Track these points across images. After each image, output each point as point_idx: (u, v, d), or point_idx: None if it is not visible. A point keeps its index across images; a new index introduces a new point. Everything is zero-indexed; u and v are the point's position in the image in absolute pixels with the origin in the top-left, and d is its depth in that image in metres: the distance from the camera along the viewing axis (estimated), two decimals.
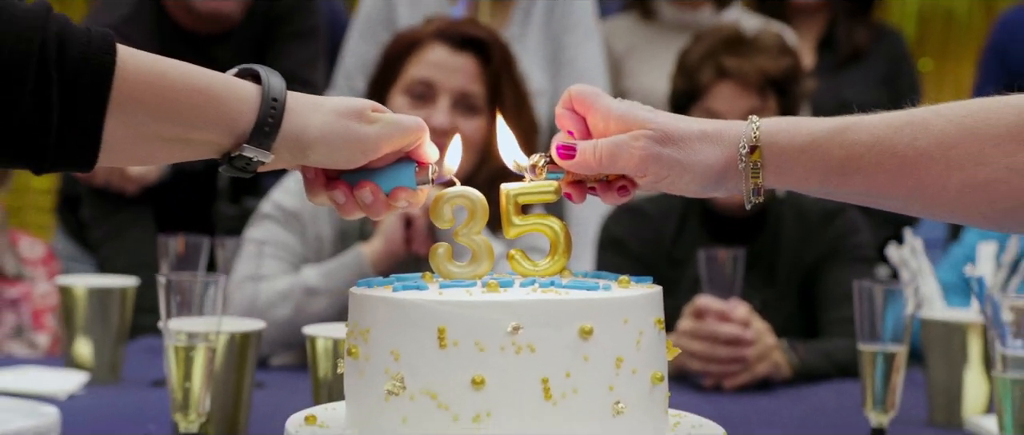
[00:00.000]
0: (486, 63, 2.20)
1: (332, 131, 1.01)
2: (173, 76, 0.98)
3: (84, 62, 0.93)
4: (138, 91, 0.95)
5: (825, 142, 1.05)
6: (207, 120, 0.98)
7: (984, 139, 1.01)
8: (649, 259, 2.28)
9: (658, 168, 1.03)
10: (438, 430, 0.87)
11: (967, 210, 1.04)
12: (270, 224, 2.16)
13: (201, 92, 0.98)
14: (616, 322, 0.90)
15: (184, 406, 1.29)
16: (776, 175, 1.05)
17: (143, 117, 0.96)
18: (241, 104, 0.98)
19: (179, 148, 1.00)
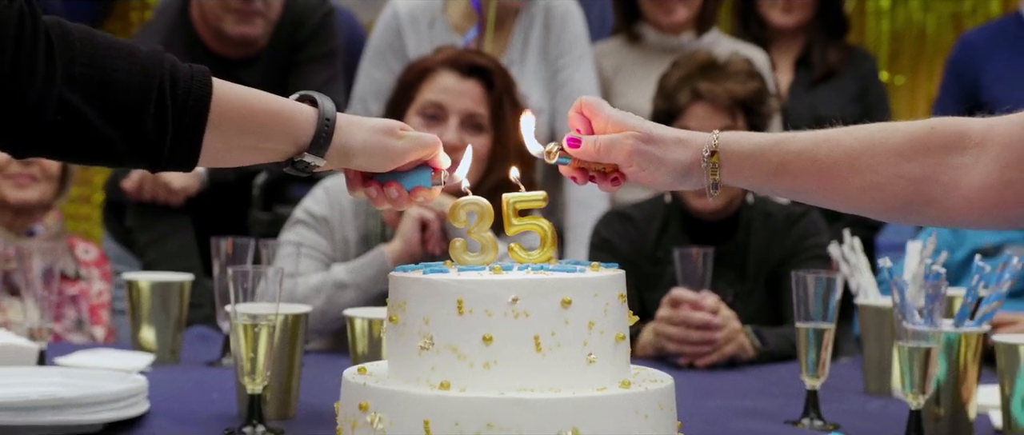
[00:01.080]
0: (490, 88, 2.51)
1: (370, 143, 1.32)
2: (253, 101, 1.31)
3: (188, 92, 1.25)
4: (228, 112, 1.27)
5: (766, 150, 1.34)
6: (277, 134, 1.30)
7: (879, 153, 1.31)
8: (635, 258, 2.59)
9: (641, 161, 1.32)
10: (458, 375, 1.18)
11: (865, 206, 1.34)
12: (302, 228, 2.47)
13: (273, 114, 1.31)
14: (588, 295, 1.21)
15: (251, 372, 1.60)
16: (730, 173, 1.33)
17: (231, 132, 1.28)
18: (303, 122, 1.30)
19: (256, 154, 1.32)
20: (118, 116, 1.24)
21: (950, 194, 1.28)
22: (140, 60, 1.26)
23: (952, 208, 1.30)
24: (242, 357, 1.61)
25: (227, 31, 2.97)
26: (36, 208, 2.68)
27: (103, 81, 1.23)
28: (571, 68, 3.21)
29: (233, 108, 1.29)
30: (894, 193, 1.31)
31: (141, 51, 1.28)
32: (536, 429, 1.14)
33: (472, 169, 1.42)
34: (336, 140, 1.32)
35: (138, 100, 1.24)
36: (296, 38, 3.12)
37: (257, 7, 2.94)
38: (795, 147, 1.34)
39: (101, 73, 1.23)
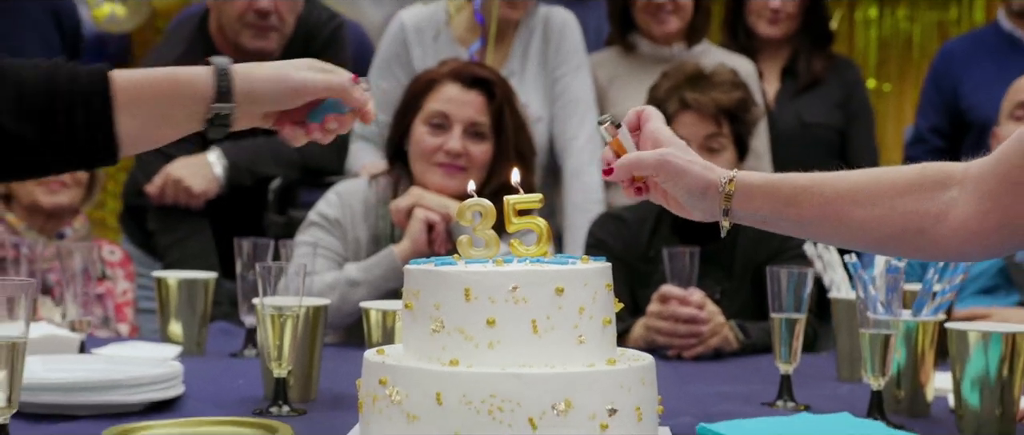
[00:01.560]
0: (491, 98, 2.68)
1: (271, 78, 1.45)
2: (152, 75, 1.44)
3: (90, 84, 1.39)
4: (131, 92, 1.40)
5: (778, 183, 1.50)
6: (183, 98, 1.43)
7: (877, 189, 1.47)
8: (627, 257, 2.75)
9: (668, 172, 1.47)
10: (465, 353, 1.35)
11: (863, 237, 1.49)
12: (317, 230, 2.65)
13: (173, 80, 1.44)
14: (579, 284, 1.38)
15: (278, 358, 1.77)
16: (742, 202, 1.47)
17: (140, 110, 1.40)
18: (203, 79, 1.44)
19: (171, 125, 1.44)
20: (29, 116, 1.37)
21: (939, 224, 1.44)
22: (43, 68, 1.41)
23: (940, 237, 1.44)
24: (269, 345, 1.79)
25: (244, 45, 3.13)
26: (66, 212, 2.85)
27: (10, 86, 1.38)
28: (569, 77, 3.33)
29: (135, 86, 1.42)
30: (890, 223, 1.46)
31: (43, 62, 1.42)
32: (533, 400, 1.31)
33: (474, 174, 1.56)
34: (239, 85, 1.44)
35: (45, 100, 1.38)
36: (308, 51, 3.26)
37: (272, 23, 3.11)
38: (804, 181, 1.49)
39: (6, 80, 1.38)
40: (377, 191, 2.73)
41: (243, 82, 1.45)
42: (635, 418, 1.37)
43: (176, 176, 3.03)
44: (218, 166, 3.07)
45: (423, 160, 2.65)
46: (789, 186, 1.49)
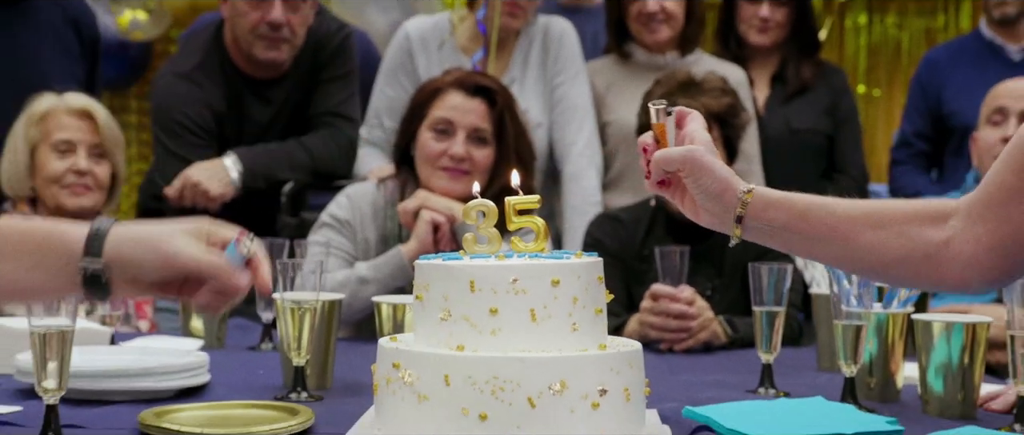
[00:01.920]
0: (493, 106, 2.83)
1: (144, 241, 1.37)
2: (34, 226, 1.41)
3: None
4: (7, 237, 1.38)
5: (793, 198, 1.58)
6: (55, 248, 1.38)
7: (886, 214, 1.57)
8: (623, 256, 2.90)
9: (693, 166, 1.56)
10: (470, 339, 1.50)
11: (869, 260, 1.56)
12: (328, 230, 2.80)
13: (49, 233, 1.39)
14: (573, 277, 1.53)
15: (297, 348, 1.92)
16: (755, 211, 1.56)
17: (11, 255, 1.37)
18: (75, 233, 1.38)
19: (41, 274, 1.38)
20: None
21: (942, 252, 1.53)
22: None
23: (944, 264, 1.53)
24: (289, 336, 1.93)
25: (257, 56, 3.28)
26: (88, 214, 2.99)
27: None
28: (567, 85, 3.47)
29: (12, 233, 1.39)
30: (897, 247, 1.55)
31: None
32: (532, 381, 1.46)
33: (477, 177, 1.69)
34: (110, 245, 1.36)
35: None
36: (318, 60, 3.42)
37: (284, 35, 3.25)
38: (817, 200, 1.58)
39: None
40: (385, 194, 2.88)
41: (114, 243, 1.37)
42: (624, 398, 1.52)
43: (194, 179, 3.18)
44: (234, 171, 3.22)
45: (429, 164, 2.80)
46: (803, 201, 1.57)
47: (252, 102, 3.34)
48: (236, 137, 3.32)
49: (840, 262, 1.61)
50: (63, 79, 3.52)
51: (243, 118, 3.34)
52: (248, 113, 3.34)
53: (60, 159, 2.94)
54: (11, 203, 3.02)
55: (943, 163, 3.91)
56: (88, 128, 2.97)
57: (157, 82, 3.46)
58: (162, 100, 3.31)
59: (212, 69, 3.33)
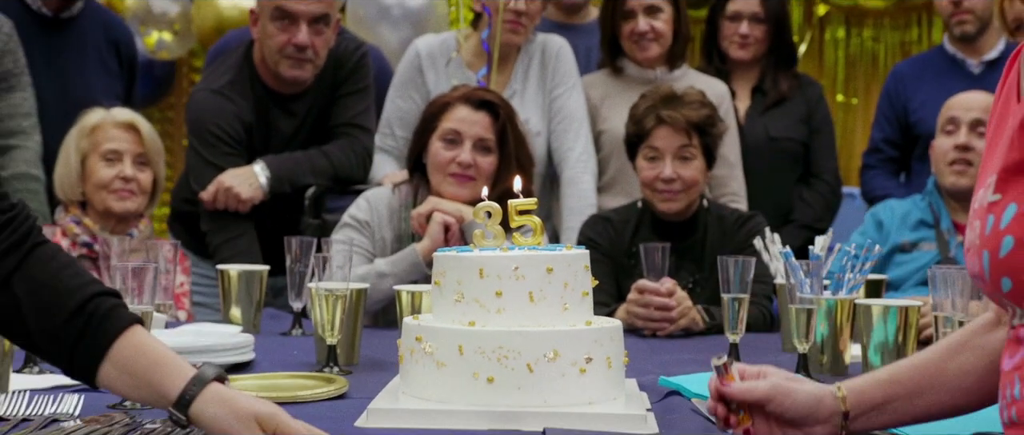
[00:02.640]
0: (496, 118, 3.15)
1: (223, 420, 1.53)
2: (146, 351, 1.58)
3: (102, 324, 1.57)
4: (125, 351, 1.57)
5: (876, 373, 1.66)
6: (153, 386, 1.57)
7: (960, 339, 1.64)
8: (613, 253, 3.21)
9: (780, 390, 1.59)
10: (480, 317, 1.83)
11: (962, 388, 1.60)
12: (350, 230, 3.13)
13: (155, 367, 1.57)
14: (564, 266, 1.86)
15: (330, 329, 2.25)
16: (855, 404, 1.60)
17: (122, 370, 1.58)
18: (175, 382, 1.55)
19: (142, 397, 1.60)
20: (41, 315, 1.57)
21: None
22: (84, 284, 1.60)
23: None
24: (323, 319, 2.27)
25: (283, 74, 3.58)
26: (133, 216, 3.32)
27: (46, 283, 1.58)
28: (564, 97, 3.76)
29: (130, 352, 1.58)
30: (977, 360, 1.61)
31: (93, 283, 1.62)
32: (530, 350, 1.79)
33: (481, 183, 2.01)
34: (195, 410, 1.55)
35: (63, 310, 1.57)
36: (337, 77, 3.73)
37: (308, 56, 3.57)
38: (897, 363, 1.67)
39: (49, 277, 1.59)
40: (399, 197, 3.21)
41: (198, 408, 1.55)
42: (606, 366, 1.85)
43: (227, 184, 3.50)
44: (263, 176, 3.54)
45: (439, 171, 3.13)
46: (887, 370, 1.65)
47: (278, 115, 3.67)
48: (264, 146, 3.64)
49: (943, 405, 1.62)
50: (105, 95, 3.86)
51: (270, 129, 3.66)
52: (274, 125, 3.67)
53: (108, 167, 3.27)
54: (63, 206, 3.34)
55: (910, 168, 4.22)
56: (133, 139, 3.30)
57: (193, 97, 3.78)
58: (197, 113, 3.64)
59: (242, 85, 3.64)
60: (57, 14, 3.89)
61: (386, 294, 2.89)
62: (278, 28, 3.55)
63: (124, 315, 1.60)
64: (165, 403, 1.56)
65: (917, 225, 3.49)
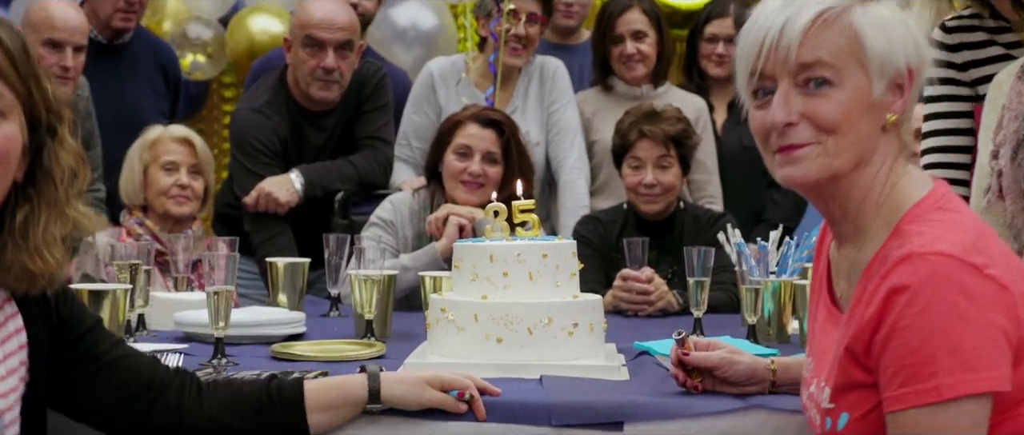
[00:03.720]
0: (501, 134, 3.66)
1: (407, 394, 2.01)
2: (327, 384, 2.02)
3: (291, 397, 1.98)
4: (318, 401, 1.98)
5: (799, 356, 2.12)
6: (347, 399, 2.00)
7: None
8: (602, 248, 3.71)
9: (728, 361, 2.11)
10: (491, 291, 2.34)
11: None
12: (376, 228, 3.65)
13: (340, 388, 2.01)
14: (556, 252, 2.37)
15: (368, 307, 2.77)
16: (782, 375, 2.10)
17: (322, 409, 1.98)
18: (359, 387, 2.01)
19: (342, 415, 2.00)
20: (243, 415, 1.94)
21: None
22: (248, 382, 2.01)
23: None
24: (362, 299, 2.78)
25: (313, 95, 4.11)
26: (188, 218, 3.84)
27: (227, 391, 1.99)
28: (560, 111, 4.29)
29: (317, 394, 1.98)
30: None
31: (256, 379, 2.03)
32: (530, 317, 2.29)
33: (489, 189, 2.54)
34: (385, 394, 2.00)
35: (256, 404, 1.96)
36: (360, 95, 4.24)
37: (335, 78, 4.08)
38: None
39: (231, 387, 2.00)
40: (419, 200, 3.73)
41: (386, 389, 2.02)
42: (589, 330, 2.37)
43: (267, 190, 4.02)
44: (298, 183, 4.06)
45: (453, 179, 3.65)
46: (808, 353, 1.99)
47: (309, 129, 4.19)
48: (297, 157, 4.16)
49: None
50: (153, 113, 4.40)
51: (303, 142, 4.19)
52: (306, 138, 4.19)
53: (167, 176, 3.78)
54: (127, 210, 3.86)
55: None
56: (188, 152, 3.82)
57: (235, 115, 4.31)
58: (240, 129, 4.16)
59: (278, 104, 4.16)
60: (112, 41, 4.42)
61: (409, 284, 3.40)
62: (308, 54, 4.07)
63: (287, 380, 2.03)
64: (362, 404, 2.00)
65: None
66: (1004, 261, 1.69)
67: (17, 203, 1.80)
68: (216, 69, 5.72)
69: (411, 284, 3.32)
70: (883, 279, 1.67)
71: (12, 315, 1.84)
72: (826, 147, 1.77)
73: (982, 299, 1.63)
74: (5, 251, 1.79)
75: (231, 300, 2.43)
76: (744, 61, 1.83)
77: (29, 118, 1.78)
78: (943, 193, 1.79)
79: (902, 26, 1.79)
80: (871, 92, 1.76)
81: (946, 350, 1.61)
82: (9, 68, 1.75)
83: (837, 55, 1.76)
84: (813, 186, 1.80)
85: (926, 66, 1.80)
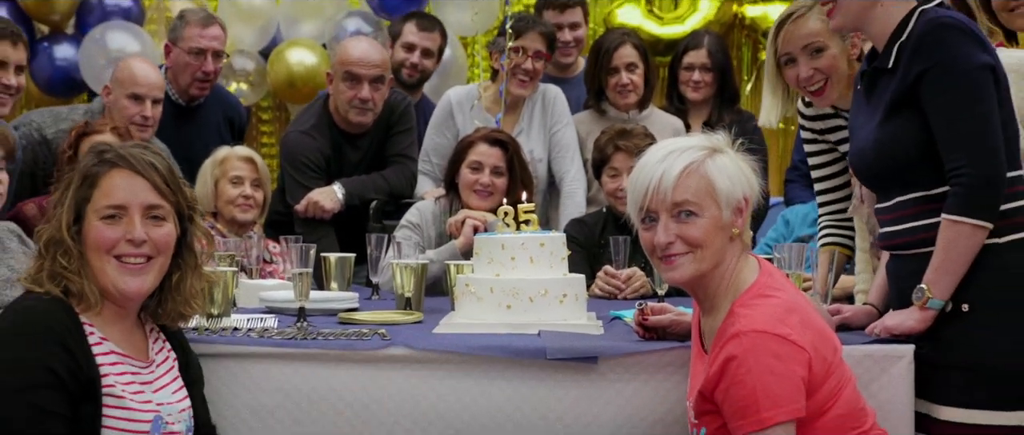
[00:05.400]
0: (506, 151, 4.46)
1: None
2: None
3: None
4: None
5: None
6: None
7: None
8: (587, 245, 4.47)
9: (674, 325, 2.85)
10: (502, 271, 3.14)
11: None
12: (407, 230, 4.46)
13: None
14: (551, 241, 3.18)
15: (407, 288, 3.58)
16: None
17: None
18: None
19: None
20: None
21: None
22: None
23: None
24: (401, 281, 3.59)
25: (351, 120, 4.90)
26: (250, 224, 4.66)
27: None
28: (560, 133, 5.07)
29: None
30: None
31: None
32: (531, 289, 3.09)
33: (498, 196, 3.38)
34: None
35: None
36: (390, 121, 5.04)
37: (369, 107, 4.89)
38: None
39: None
40: (440, 207, 4.54)
41: None
42: (575, 300, 3.17)
43: (315, 199, 4.84)
44: (340, 193, 4.88)
45: (467, 189, 4.45)
46: None
47: (348, 149, 5.01)
48: (338, 171, 4.97)
49: None
50: None
51: (342, 159, 5.00)
52: (345, 156, 5.01)
53: (234, 188, 4.59)
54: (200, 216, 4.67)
55: None
56: (251, 168, 4.63)
57: (287, 137, 5.12)
58: (291, 148, 4.98)
59: (322, 128, 4.99)
60: (189, 104, 5.24)
61: (434, 274, 4.19)
62: (347, 86, 4.90)
63: None
64: None
65: (813, 223, 4.74)
66: (801, 327, 2.52)
67: (172, 270, 2.71)
68: (257, 96, 6.46)
69: (436, 274, 4.12)
70: (722, 348, 2.52)
71: (164, 346, 2.76)
72: (694, 256, 2.64)
73: (786, 358, 2.47)
74: (166, 302, 2.73)
75: (309, 280, 3.25)
76: (634, 198, 2.70)
77: (178, 216, 2.69)
78: (765, 281, 2.63)
79: (738, 169, 2.68)
80: (722, 217, 2.63)
81: (763, 395, 2.46)
82: (165, 187, 2.66)
83: (698, 195, 2.63)
84: (687, 283, 2.67)
85: (755, 193, 2.70)
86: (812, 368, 2.51)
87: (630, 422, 2.85)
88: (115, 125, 4.36)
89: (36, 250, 2.65)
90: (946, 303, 2.86)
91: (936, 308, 2.86)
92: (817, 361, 2.52)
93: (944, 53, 2.83)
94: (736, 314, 2.57)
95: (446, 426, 2.85)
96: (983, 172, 2.81)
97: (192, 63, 5.11)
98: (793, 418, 2.48)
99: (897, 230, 3.00)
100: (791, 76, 3.44)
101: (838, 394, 2.58)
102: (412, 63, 5.29)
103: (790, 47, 3.42)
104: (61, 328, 2.50)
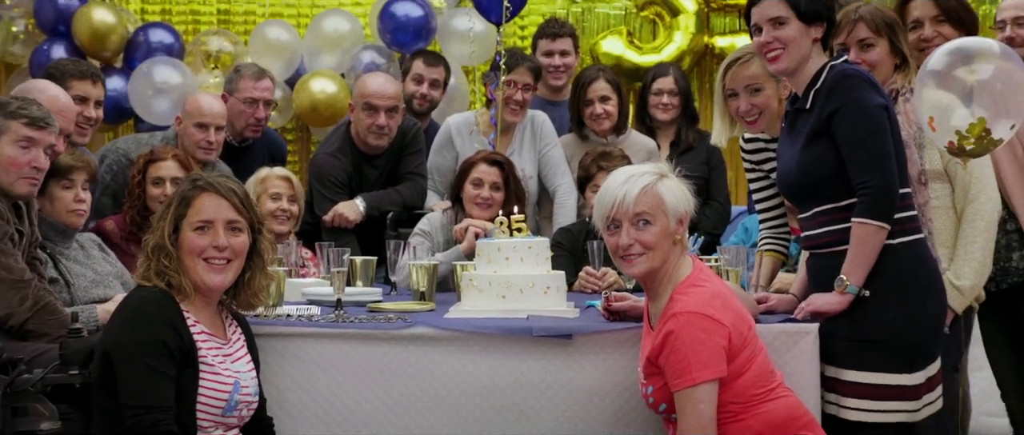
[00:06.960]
0: (503, 170, 5.26)
1: None
2: None
3: None
4: None
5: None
6: None
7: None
8: (572, 250, 5.26)
9: (633, 310, 3.63)
10: (498, 268, 3.95)
11: None
12: (419, 237, 5.29)
13: None
14: (538, 245, 3.99)
15: (421, 284, 4.41)
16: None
17: None
18: None
19: None
20: None
21: None
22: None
23: None
24: (417, 279, 4.42)
25: (370, 143, 5.70)
26: (286, 233, 5.49)
27: None
28: (549, 152, 5.79)
29: None
30: None
31: None
32: (522, 283, 3.92)
33: (496, 208, 4.20)
34: None
35: None
36: (403, 143, 5.82)
37: (385, 131, 5.71)
38: None
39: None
40: (447, 217, 5.37)
41: None
42: (557, 291, 4.01)
43: (340, 211, 5.64)
44: (362, 206, 5.68)
45: (470, 202, 5.26)
46: None
47: (367, 168, 5.82)
48: (359, 187, 5.76)
49: None
50: None
51: (363, 177, 5.80)
52: (365, 174, 5.81)
53: (272, 202, 5.40)
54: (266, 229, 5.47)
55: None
56: (288, 186, 5.43)
57: (315, 158, 5.93)
58: (319, 167, 5.79)
59: (345, 149, 5.80)
60: (240, 144, 6.06)
61: (443, 273, 5.00)
62: (366, 115, 5.73)
63: None
64: None
65: None
66: (723, 309, 3.27)
67: (245, 270, 3.47)
68: (284, 120, 7.11)
69: (444, 273, 4.92)
70: (664, 324, 3.27)
71: (237, 328, 3.54)
72: (648, 256, 3.39)
73: (711, 332, 3.23)
74: (240, 294, 3.50)
75: (345, 277, 4.08)
76: (602, 210, 3.43)
77: (250, 228, 3.46)
78: (696, 275, 3.38)
79: (681, 190, 3.44)
80: (669, 226, 3.40)
81: (694, 360, 3.21)
82: (241, 206, 3.49)
83: (652, 208, 3.39)
84: (641, 276, 3.42)
85: (692, 208, 3.46)
86: (731, 340, 3.31)
87: (598, 384, 3.68)
88: (176, 153, 5.18)
89: (143, 254, 3.48)
90: (860, 289, 3.60)
91: (853, 293, 3.58)
92: (735, 335, 3.34)
93: (849, 97, 3.64)
94: (675, 300, 3.38)
95: (454, 388, 3.67)
96: (882, 184, 3.55)
97: (246, 111, 5.92)
98: (717, 377, 3.27)
99: (815, 234, 3.80)
100: (733, 107, 4.27)
101: (752, 360, 3.39)
102: (421, 94, 6.10)
103: (734, 84, 4.24)
104: (169, 311, 3.34)
